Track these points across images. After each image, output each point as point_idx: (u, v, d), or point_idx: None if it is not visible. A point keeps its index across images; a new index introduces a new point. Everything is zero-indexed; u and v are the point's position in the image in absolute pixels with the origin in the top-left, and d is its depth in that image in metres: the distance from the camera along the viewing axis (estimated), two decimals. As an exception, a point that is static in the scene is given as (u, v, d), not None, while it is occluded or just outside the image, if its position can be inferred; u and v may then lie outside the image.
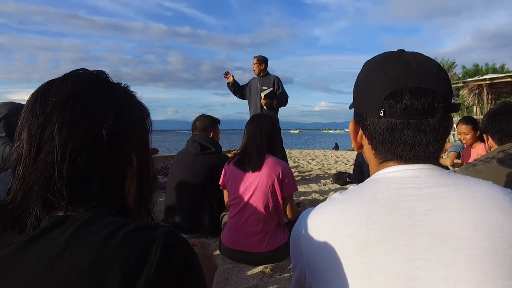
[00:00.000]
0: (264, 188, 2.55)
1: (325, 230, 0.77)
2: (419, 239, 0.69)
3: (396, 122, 0.77)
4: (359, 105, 0.86)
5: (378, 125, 0.79)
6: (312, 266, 0.78)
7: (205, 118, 3.42)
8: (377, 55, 0.87)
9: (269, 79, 5.58)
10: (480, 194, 0.72)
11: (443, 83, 0.79)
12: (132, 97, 0.77)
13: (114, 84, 0.76)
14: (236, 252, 2.61)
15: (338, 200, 0.80)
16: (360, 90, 0.85)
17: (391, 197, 0.74)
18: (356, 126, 0.87)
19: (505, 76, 15.24)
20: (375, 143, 0.82)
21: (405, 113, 0.76)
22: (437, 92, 0.76)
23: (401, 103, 0.76)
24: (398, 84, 0.77)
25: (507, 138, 1.76)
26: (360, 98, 0.85)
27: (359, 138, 0.87)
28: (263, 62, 5.61)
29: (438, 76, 0.79)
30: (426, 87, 0.76)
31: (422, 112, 0.76)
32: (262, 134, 2.65)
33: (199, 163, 3.15)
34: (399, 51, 0.84)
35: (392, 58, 0.82)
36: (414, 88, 0.76)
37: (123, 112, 0.71)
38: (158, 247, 0.58)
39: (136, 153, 0.74)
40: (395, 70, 0.79)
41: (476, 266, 0.65)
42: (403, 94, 0.76)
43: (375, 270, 0.68)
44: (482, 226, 0.68)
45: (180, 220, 3.12)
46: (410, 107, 0.75)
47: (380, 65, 0.82)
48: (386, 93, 0.77)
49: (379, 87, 0.79)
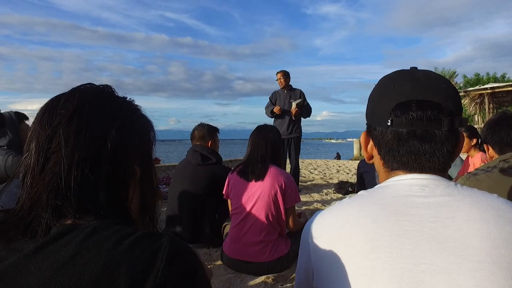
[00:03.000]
0: (266, 198, 2.55)
1: (333, 232, 0.80)
2: (425, 244, 0.71)
3: (403, 131, 0.80)
4: (369, 116, 0.90)
5: (386, 134, 0.83)
6: (320, 267, 0.80)
7: (203, 127, 3.40)
8: (392, 72, 0.91)
9: (295, 92, 6.04)
10: (485, 205, 0.75)
11: (451, 98, 0.82)
12: (136, 111, 0.80)
13: (119, 97, 0.79)
14: (238, 262, 2.60)
15: (347, 204, 0.83)
16: (372, 102, 0.90)
17: (399, 203, 0.77)
18: (367, 137, 0.91)
19: (507, 85, 15.29)
20: (383, 153, 0.86)
21: (411, 124, 0.79)
22: (443, 106, 0.80)
23: (408, 113, 0.79)
24: (406, 96, 0.81)
25: (507, 148, 1.77)
26: (370, 110, 0.89)
27: (369, 148, 0.91)
28: (288, 76, 6.05)
29: (446, 92, 0.82)
30: (433, 100, 0.80)
31: (428, 124, 0.79)
32: (267, 144, 2.67)
33: (200, 174, 3.16)
34: (411, 68, 0.89)
35: (403, 74, 0.87)
36: (422, 100, 0.80)
37: (127, 124, 0.74)
38: (164, 254, 0.60)
39: (139, 164, 0.76)
40: (405, 84, 0.83)
41: (481, 273, 0.67)
42: (410, 105, 0.80)
43: (380, 272, 0.70)
44: (488, 235, 0.70)
45: (181, 230, 3.11)
46: (416, 118, 0.79)
47: (392, 79, 0.87)
48: (394, 104, 0.81)
49: (388, 99, 0.83)
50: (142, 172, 0.77)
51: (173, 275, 0.60)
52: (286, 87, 6.02)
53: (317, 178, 7.94)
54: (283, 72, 6.02)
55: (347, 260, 0.74)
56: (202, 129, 3.37)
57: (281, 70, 6.06)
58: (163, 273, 0.58)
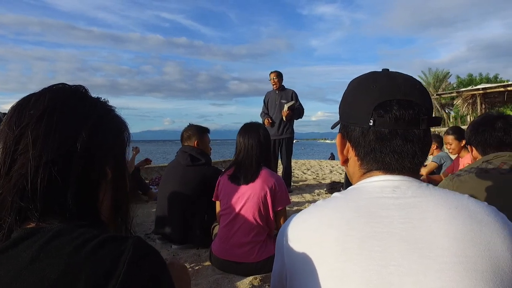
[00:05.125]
0: (256, 199, 2.55)
1: (306, 235, 0.80)
2: (394, 246, 0.71)
3: (385, 131, 0.80)
4: (346, 117, 0.88)
5: (367, 134, 0.82)
6: (293, 270, 0.80)
7: (191, 127, 3.40)
8: (363, 74, 0.91)
9: (287, 93, 6.03)
10: (455, 205, 0.75)
11: (426, 98, 0.84)
12: (109, 111, 0.79)
13: (92, 98, 0.77)
14: (226, 263, 2.60)
15: (321, 206, 0.83)
16: (348, 103, 0.89)
17: (371, 205, 0.77)
18: (343, 140, 0.90)
19: (498, 86, 15.40)
20: (362, 153, 0.85)
21: (394, 123, 0.79)
22: (421, 105, 0.81)
23: (391, 113, 0.79)
24: (387, 96, 0.81)
25: (490, 149, 1.79)
26: (348, 111, 0.88)
27: (345, 151, 0.90)
28: (281, 77, 6.07)
29: (421, 92, 0.84)
30: (412, 100, 0.81)
31: (409, 123, 0.80)
32: (258, 146, 2.62)
33: (189, 174, 3.16)
34: (384, 70, 0.89)
35: (379, 74, 0.87)
36: (401, 100, 0.80)
37: (99, 126, 0.73)
38: (126, 259, 0.59)
39: (111, 166, 0.76)
40: (383, 84, 0.83)
41: (447, 274, 0.67)
42: (392, 105, 0.80)
43: (350, 275, 0.70)
44: (455, 235, 0.71)
45: (171, 231, 3.11)
46: (399, 117, 0.79)
47: (368, 80, 0.86)
48: (376, 103, 0.81)
49: (368, 98, 0.82)
50: (114, 173, 0.76)
51: (135, 279, 0.58)
52: (279, 88, 6.03)
53: (309, 179, 7.95)
54: (276, 73, 6.03)
55: (320, 262, 0.75)
56: (190, 129, 3.38)
57: (274, 71, 6.07)
58: (125, 277, 0.57)
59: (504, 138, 1.73)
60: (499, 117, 1.80)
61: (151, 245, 0.66)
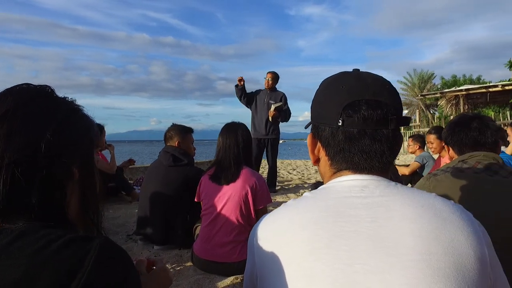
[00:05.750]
0: (237, 199, 2.55)
1: (275, 235, 0.80)
2: (361, 244, 0.72)
3: (354, 131, 0.81)
4: (317, 118, 0.89)
5: (337, 134, 0.83)
6: (263, 270, 0.80)
7: (174, 127, 3.38)
8: (336, 73, 0.91)
9: (277, 94, 6.05)
10: (422, 204, 0.76)
11: (394, 98, 0.84)
12: (76, 111, 0.78)
13: (57, 98, 0.77)
14: (207, 263, 2.59)
15: (291, 206, 0.83)
16: (318, 103, 0.89)
17: (340, 204, 0.78)
18: (314, 139, 0.90)
19: (480, 87, 15.67)
20: (332, 153, 0.85)
21: (362, 123, 0.80)
22: (390, 105, 0.81)
23: (359, 113, 0.80)
24: (356, 96, 0.81)
25: (466, 149, 1.81)
26: (318, 111, 0.88)
27: (316, 151, 0.91)
28: (276, 79, 6.10)
29: (390, 92, 0.84)
30: (381, 100, 0.81)
31: (378, 123, 0.80)
32: (238, 146, 2.63)
33: (172, 175, 3.14)
34: (354, 70, 0.90)
35: (349, 75, 0.87)
36: (370, 100, 0.81)
37: (65, 126, 0.73)
38: (91, 258, 0.58)
39: (77, 165, 0.75)
40: (352, 84, 0.84)
41: (411, 271, 0.68)
42: (361, 105, 0.80)
43: (318, 274, 0.71)
44: (420, 233, 0.72)
45: (153, 232, 3.09)
46: (367, 117, 0.79)
47: (338, 80, 0.87)
48: (344, 104, 0.81)
49: (337, 99, 0.83)
50: (81, 173, 0.76)
51: (100, 279, 0.58)
52: (270, 89, 6.07)
53: (295, 179, 7.98)
54: (273, 74, 6.07)
55: (289, 262, 0.75)
56: (172, 129, 3.36)
57: (271, 71, 6.10)
58: (89, 276, 0.57)
59: (479, 138, 1.76)
60: (474, 118, 1.83)
61: (118, 245, 0.66)
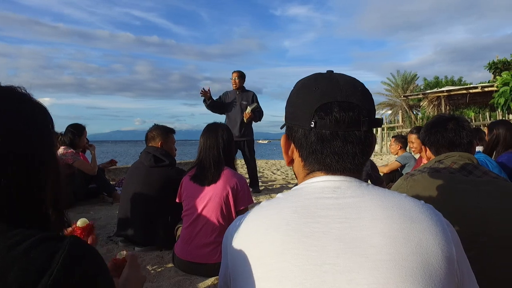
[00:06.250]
0: (218, 199, 2.54)
1: (247, 236, 0.80)
2: (331, 245, 0.72)
3: (326, 133, 0.81)
4: (290, 119, 0.89)
5: (309, 136, 0.83)
6: (235, 271, 0.81)
7: (156, 127, 3.34)
8: (310, 75, 0.91)
9: (248, 94, 5.98)
10: (392, 204, 0.77)
11: (367, 100, 0.85)
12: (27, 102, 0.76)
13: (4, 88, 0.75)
14: (188, 264, 2.58)
15: (263, 207, 0.84)
16: (292, 105, 0.89)
17: (311, 205, 0.78)
18: (288, 140, 0.91)
19: (461, 89, 15.96)
20: (305, 155, 0.85)
21: (335, 125, 0.80)
22: (362, 107, 0.82)
23: (331, 115, 0.80)
24: (328, 98, 0.82)
25: (442, 149, 1.84)
26: (292, 112, 0.89)
27: (290, 152, 0.91)
28: (243, 77, 6.01)
29: (363, 93, 0.85)
30: (353, 102, 0.81)
31: (350, 125, 0.80)
32: (218, 147, 2.62)
33: (153, 175, 3.11)
34: (328, 72, 0.90)
35: (322, 76, 0.88)
36: (342, 102, 0.81)
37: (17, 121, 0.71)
38: (61, 257, 0.59)
39: (39, 163, 0.73)
40: (325, 86, 0.84)
41: (379, 270, 0.69)
42: (333, 107, 0.81)
43: (287, 275, 0.71)
44: (389, 233, 0.72)
45: (134, 233, 3.06)
46: (339, 119, 0.80)
47: (311, 82, 0.87)
48: (317, 105, 0.82)
49: (310, 101, 0.83)
50: (45, 170, 0.74)
51: (69, 278, 0.58)
52: (239, 88, 5.97)
53: (279, 179, 8.00)
54: (238, 73, 5.97)
55: (260, 264, 0.75)
56: (154, 130, 3.32)
57: (237, 70, 6.00)
58: (58, 274, 0.57)
59: (455, 139, 1.79)
60: (451, 119, 1.86)
61: (89, 244, 0.66)
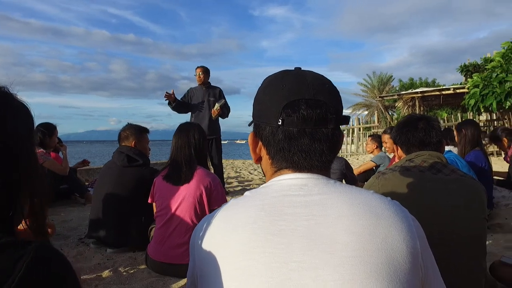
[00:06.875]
0: (191, 199, 2.52)
1: (213, 235, 0.79)
2: (297, 242, 0.72)
3: (293, 130, 0.81)
4: (258, 117, 0.88)
5: (276, 134, 0.82)
6: (202, 270, 0.79)
7: (130, 127, 3.28)
8: (278, 72, 0.90)
9: (214, 90, 5.83)
10: (358, 201, 0.77)
11: (334, 97, 0.85)
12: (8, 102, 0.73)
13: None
14: (162, 265, 2.54)
15: (231, 206, 0.83)
16: (259, 102, 0.88)
17: (278, 203, 0.77)
18: (256, 138, 0.90)
19: (434, 90, 16.36)
20: (272, 152, 0.85)
21: (302, 122, 0.80)
22: (329, 104, 0.82)
23: (298, 112, 0.80)
24: (295, 95, 0.81)
25: (413, 148, 1.87)
26: (259, 110, 0.88)
27: (258, 149, 0.90)
28: (208, 73, 5.85)
29: (330, 91, 0.85)
30: (320, 99, 0.81)
31: (317, 122, 0.80)
32: (190, 147, 2.59)
33: (126, 176, 3.05)
34: (296, 68, 0.90)
35: (289, 73, 0.87)
36: (309, 99, 0.80)
37: None
38: (25, 262, 0.57)
39: (15, 167, 0.70)
40: (292, 83, 0.83)
41: (345, 267, 0.69)
42: (300, 104, 0.80)
43: (254, 273, 0.71)
44: (354, 230, 0.72)
45: (106, 234, 2.99)
46: (306, 116, 0.79)
47: (278, 79, 0.86)
48: (284, 103, 0.81)
49: (278, 98, 0.82)
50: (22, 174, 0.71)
51: (33, 283, 0.57)
52: (205, 84, 5.80)
53: (255, 179, 8.00)
54: (203, 68, 5.81)
55: (226, 262, 0.74)
56: (127, 129, 3.25)
57: (201, 66, 5.86)
58: (20, 281, 0.55)
59: (425, 138, 1.82)
60: (421, 118, 1.89)
61: (56, 249, 0.64)
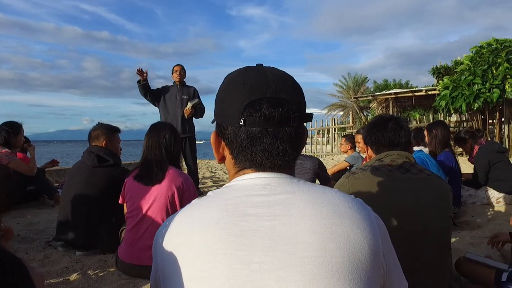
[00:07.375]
0: (163, 200, 2.47)
1: (175, 236, 0.77)
2: (259, 243, 0.71)
3: (256, 130, 0.79)
4: (220, 116, 0.86)
5: (239, 134, 0.81)
6: (164, 272, 0.78)
7: (100, 126, 3.20)
8: (237, 69, 0.89)
9: (189, 89, 5.76)
10: (321, 200, 0.76)
11: (297, 94, 0.83)
12: None
13: None
14: (133, 267, 2.49)
15: (193, 206, 0.81)
16: (221, 101, 0.86)
17: (241, 203, 0.76)
18: (218, 138, 0.88)
19: (407, 91, 16.72)
20: (235, 152, 0.83)
21: (264, 122, 0.78)
22: (292, 102, 0.80)
23: (260, 112, 0.78)
24: (257, 94, 0.79)
25: (383, 148, 1.90)
26: (221, 109, 0.86)
27: (221, 149, 0.88)
28: (185, 72, 5.80)
29: (293, 88, 0.83)
30: (282, 97, 0.80)
31: (279, 121, 0.79)
32: (160, 147, 2.55)
33: (96, 176, 2.98)
34: (257, 65, 0.88)
35: (251, 70, 0.85)
36: (271, 98, 0.79)
37: None
38: None
39: None
40: (254, 82, 0.81)
41: (306, 267, 0.68)
42: (262, 103, 0.78)
43: (215, 275, 0.69)
44: (317, 229, 0.72)
45: (75, 237, 2.91)
46: (268, 116, 0.78)
47: (240, 77, 0.85)
48: (246, 102, 0.79)
49: (239, 97, 0.81)
50: None
51: None
52: (181, 83, 5.76)
53: (231, 179, 7.99)
54: (181, 66, 5.78)
55: (188, 264, 0.73)
56: (98, 129, 3.16)
57: (179, 64, 5.82)
58: None
59: (394, 138, 1.85)
60: (390, 119, 1.92)
61: (11, 254, 0.62)
